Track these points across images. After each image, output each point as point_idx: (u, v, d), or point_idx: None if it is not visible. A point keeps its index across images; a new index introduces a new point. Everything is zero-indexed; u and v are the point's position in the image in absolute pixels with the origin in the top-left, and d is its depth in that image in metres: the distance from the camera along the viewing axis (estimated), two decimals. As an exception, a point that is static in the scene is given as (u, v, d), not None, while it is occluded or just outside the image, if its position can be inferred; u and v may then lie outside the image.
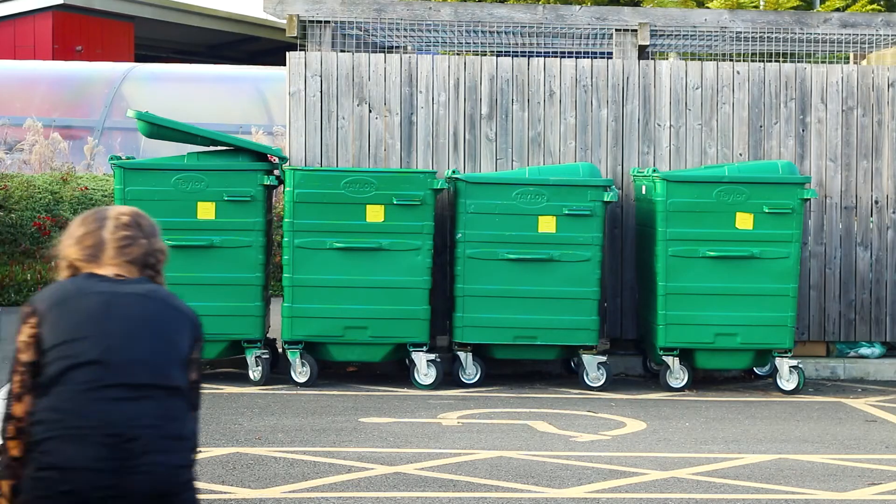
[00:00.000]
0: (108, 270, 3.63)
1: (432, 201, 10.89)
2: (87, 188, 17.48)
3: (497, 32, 12.85)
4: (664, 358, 11.01)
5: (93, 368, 3.46)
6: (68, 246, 3.67)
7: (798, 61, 12.91)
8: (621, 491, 7.48)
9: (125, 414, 3.44)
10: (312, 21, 12.21)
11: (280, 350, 11.33)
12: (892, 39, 12.93)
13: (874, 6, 19.20)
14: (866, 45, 13.06)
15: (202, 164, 10.94)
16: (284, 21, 12.23)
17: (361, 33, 12.95)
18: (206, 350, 11.03)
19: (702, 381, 11.50)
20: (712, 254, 10.96)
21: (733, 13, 12.76)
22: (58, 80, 23.43)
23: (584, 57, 12.51)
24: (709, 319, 10.95)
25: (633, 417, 9.81)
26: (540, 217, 10.97)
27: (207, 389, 10.54)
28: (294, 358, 10.88)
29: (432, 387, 10.83)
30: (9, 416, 3.50)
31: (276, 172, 10.97)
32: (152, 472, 3.45)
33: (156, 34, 31.26)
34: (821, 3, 19.81)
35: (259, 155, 11.19)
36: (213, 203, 10.84)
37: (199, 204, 10.83)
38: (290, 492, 7.28)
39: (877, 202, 12.28)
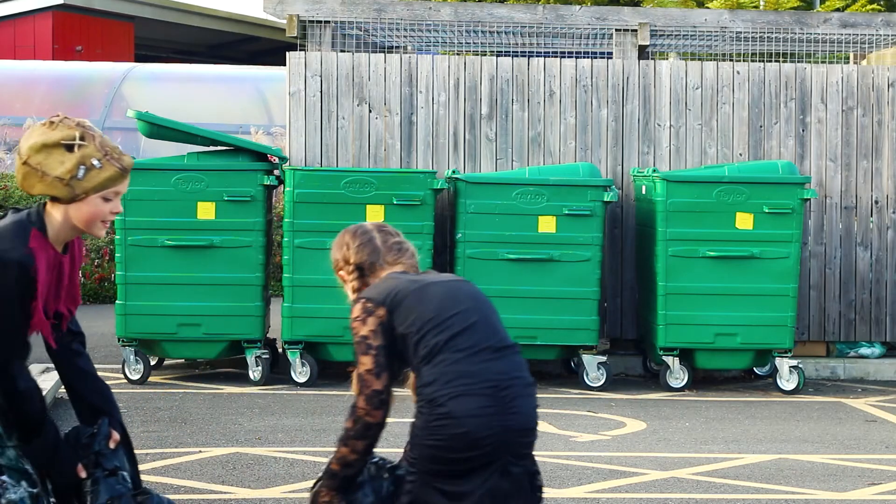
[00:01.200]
0: (396, 269, 4.49)
1: (432, 201, 10.89)
2: (87, 188, 17.46)
3: (497, 32, 12.85)
4: (664, 358, 11.01)
5: (464, 338, 4.26)
6: (353, 254, 4.51)
7: (798, 61, 12.91)
8: (621, 491, 7.47)
9: (497, 369, 4.26)
10: (312, 21, 12.21)
11: (280, 350, 11.33)
12: (892, 39, 12.93)
13: (874, 6, 19.20)
14: (866, 45, 13.06)
15: (202, 164, 10.94)
16: (284, 21, 12.24)
17: (361, 33, 12.95)
18: (206, 350, 11.04)
19: (702, 381, 11.50)
20: (712, 254, 10.96)
21: (733, 13, 12.76)
22: (58, 80, 23.43)
23: (584, 57, 12.51)
24: (709, 319, 10.95)
25: (633, 417, 9.81)
26: (540, 217, 10.97)
27: (207, 389, 10.54)
28: (294, 358, 10.88)
29: (432, 387, 10.82)
30: (374, 391, 4.32)
31: (276, 172, 10.98)
32: (523, 413, 4.28)
33: (156, 34, 31.27)
34: (821, 3, 19.81)
35: (259, 155, 11.19)
36: (213, 203, 10.84)
37: (199, 204, 10.83)
38: (290, 492, 7.27)
39: (877, 202, 12.28)
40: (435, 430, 4.23)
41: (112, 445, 4.36)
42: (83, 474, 4.28)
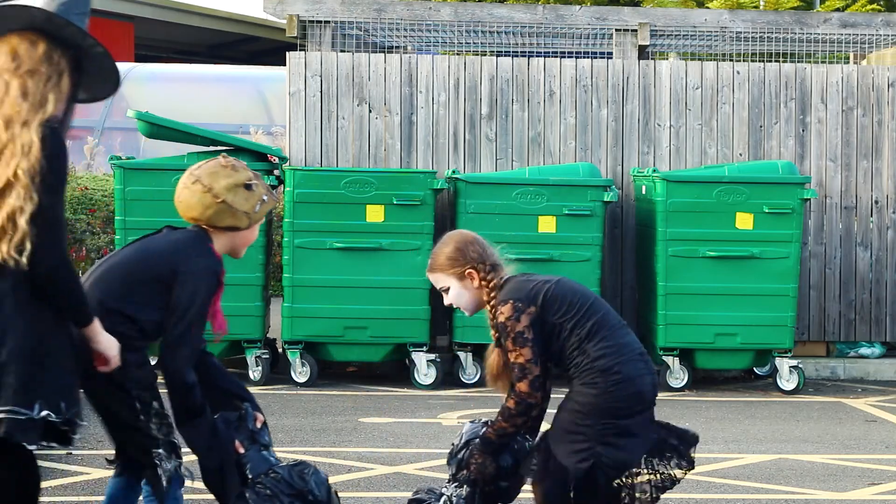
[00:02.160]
0: (507, 270, 5.39)
1: (432, 201, 10.89)
2: (87, 188, 17.47)
3: (497, 32, 12.85)
4: (664, 358, 11.01)
5: (609, 318, 5.24)
6: (488, 255, 5.41)
7: (798, 61, 12.91)
8: (621, 491, 7.47)
9: (634, 340, 5.29)
10: (312, 21, 12.21)
11: (280, 350, 11.33)
12: (892, 39, 12.93)
13: (874, 6, 19.20)
14: (866, 45, 13.06)
15: (202, 164, 10.91)
16: (284, 21, 12.24)
17: (361, 33, 12.95)
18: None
19: (702, 381, 11.50)
20: (712, 254, 10.95)
21: (733, 13, 12.76)
22: (58, 80, 23.38)
23: (584, 57, 12.51)
24: (709, 319, 10.95)
25: (632, 417, 9.79)
26: (540, 217, 10.97)
27: (207, 389, 10.55)
28: (294, 358, 10.88)
29: (432, 387, 10.82)
30: (535, 376, 5.18)
31: (276, 172, 10.97)
32: (656, 374, 5.41)
33: (156, 34, 31.26)
34: (821, 3, 19.82)
35: (259, 155, 11.19)
36: (213, 203, 10.81)
37: (199, 204, 10.80)
38: (290, 492, 7.27)
39: (877, 202, 12.28)
40: (613, 392, 5.15)
41: (258, 425, 5.13)
42: (241, 450, 5.04)
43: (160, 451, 4.91)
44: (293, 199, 10.78)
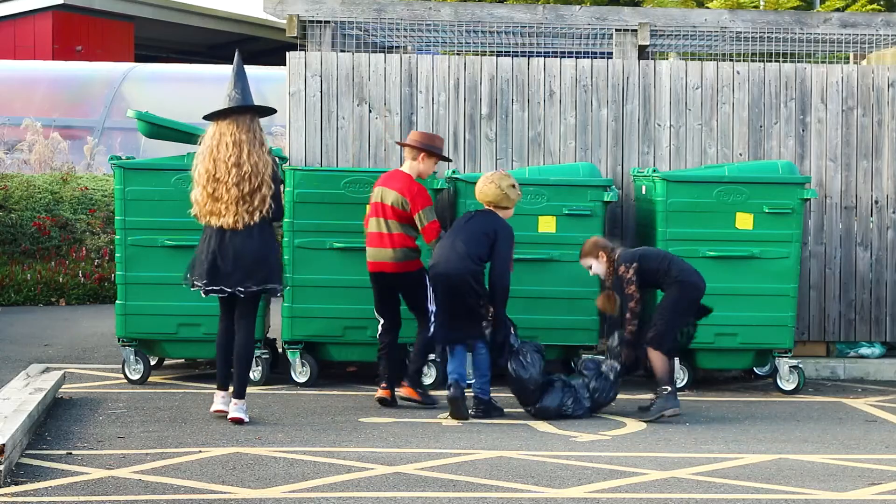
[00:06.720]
0: (618, 250, 9.82)
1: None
2: (87, 188, 17.48)
3: (497, 32, 12.85)
4: (664, 358, 11.02)
5: (675, 259, 9.86)
6: (611, 244, 9.91)
7: (798, 61, 12.91)
8: (621, 491, 7.48)
9: (693, 266, 10.00)
10: (312, 21, 12.21)
11: (280, 350, 11.33)
12: (892, 39, 12.93)
13: (874, 6, 19.21)
14: (866, 45, 13.07)
15: (202, 164, 10.90)
16: (284, 21, 12.24)
17: (361, 33, 12.95)
18: (206, 350, 11.02)
19: (702, 381, 11.50)
20: (712, 254, 10.96)
21: (733, 13, 12.76)
22: (58, 80, 23.44)
23: (584, 57, 12.51)
24: (709, 319, 10.91)
25: (633, 417, 9.81)
26: (540, 217, 10.97)
27: (208, 389, 10.54)
28: (294, 358, 10.88)
29: (432, 387, 10.82)
30: (640, 296, 9.61)
31: (276, 172, 10.98)
32: (705, 281, 10.04)
33: (156, 34, 31.28)
34: (821, 3, 19.82)
35: (259, 155, 11.17)
36: (213, 203, 10.80)
37: (199, 204, 10.79)
38: (290, 492, 7.28)
39: (877, 202, 12.28)
40: (681, 290, 9.66)
41: None
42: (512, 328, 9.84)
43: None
44: (293, 199, 10.78)
